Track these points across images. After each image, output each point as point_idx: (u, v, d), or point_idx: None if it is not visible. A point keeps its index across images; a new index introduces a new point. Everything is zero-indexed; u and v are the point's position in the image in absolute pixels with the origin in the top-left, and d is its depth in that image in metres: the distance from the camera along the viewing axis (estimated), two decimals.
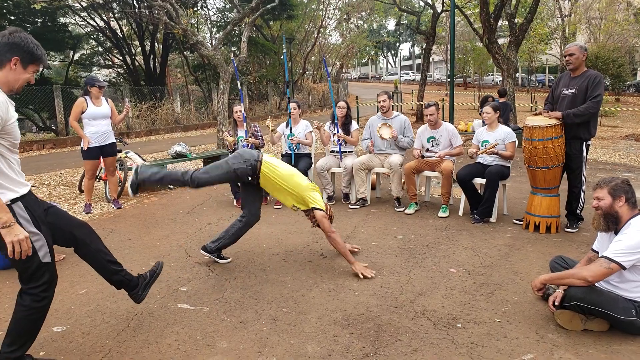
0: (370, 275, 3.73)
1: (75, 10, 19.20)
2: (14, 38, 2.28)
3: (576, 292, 2.79)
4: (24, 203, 2.35)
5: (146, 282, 3.03)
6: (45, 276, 2.44)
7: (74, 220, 2.77)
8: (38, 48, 2.36)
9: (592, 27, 26.64)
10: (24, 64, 2.32)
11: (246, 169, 3.78)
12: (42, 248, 2.39)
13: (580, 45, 4.58)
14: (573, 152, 4.66)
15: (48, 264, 2.43)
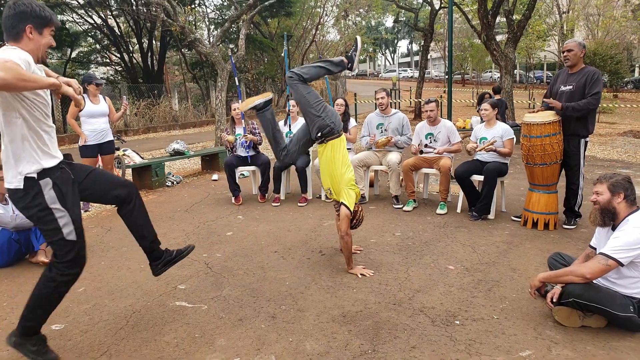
0: (369, 274, 3.73)
1: (73, 7, 19.14)
2: (20, 7, 2.29)
3: (574, 289, 2.79)
4: (52, 179, 2.40)
5: (169, 260, 2.98)
6: (70, 254, 2.48)
7: (117, 181, 2.78)
8: (44, 9, 2.35)
9: (590, 24, 26.66)
10: (39, 30, 2.33)
11: (325, 127, 3.74)
12: (67, 226, 2.44)
13: (579, 42, 4.58)
14: (571, 149, 4.66)
15: (73, 242, 2.47)
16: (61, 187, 2.44)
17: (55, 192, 2.41)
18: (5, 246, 4.04)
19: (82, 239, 2.54)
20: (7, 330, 2.99)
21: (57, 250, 2.49)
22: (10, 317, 3.20)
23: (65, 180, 2.48)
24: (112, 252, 4.49)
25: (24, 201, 2.39)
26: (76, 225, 2.49)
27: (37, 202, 2.38)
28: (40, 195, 2.37)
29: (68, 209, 2.45)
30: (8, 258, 4.10)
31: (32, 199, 2.38)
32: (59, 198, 2.42)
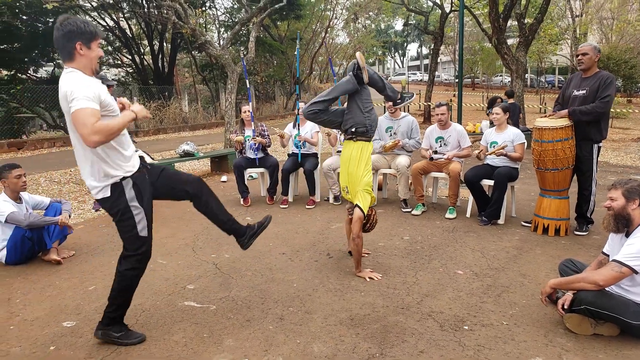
0: (377, 277, 3.72)
1: (86, 10, 19.30)
2: (66, 27, 2.44)
3: (586, 296, 2.76)
4: (132, 180, 2.67)
5: (252, 233, 3.17)
6: (142, 248, 2.76)
7: (185, 178, 3.00)
8: (88, 24, 2.51)
9: (604, 28, 26.45)
10: (87, 45, 2.49)
11: (363, 126, 3.73)
12: (141, 222, 2.71)
13: (594, 46, 4.54)
14: (584, 154, 4.62)
15: (144, 238, 2.75)
16: (140, 186, 2.70)
17: (135, 191, 2.68)
18: (19, 244, 4.08)
19: (150, 235, 2.80)
20: (19, 327, 3.04)
21: (128, 244, 2.75)
22: (23, 314, 3.23)
23: (142, 179, 2.74)
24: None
25: (110, 202, 2.65)
26: (148, 222, 2.75)
27: (120, 201, 2.64)
28: (122, 194, 2.64)
29: (143, 207, 2.71)
30: (21, 256, 4.14)
31: (116, 198, 2.64)
32: (137, 196, 2.68)
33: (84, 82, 2.43)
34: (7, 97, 14.87)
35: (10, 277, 3.91)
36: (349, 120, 3.78)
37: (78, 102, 2.34)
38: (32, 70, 17.84)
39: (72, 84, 2.41)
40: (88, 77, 2.50)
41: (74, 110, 2.34)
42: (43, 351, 2.77)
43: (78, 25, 2.46)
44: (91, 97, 2.38)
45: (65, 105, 2.43)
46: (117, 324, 2.82)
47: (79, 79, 2.44)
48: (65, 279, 3.84)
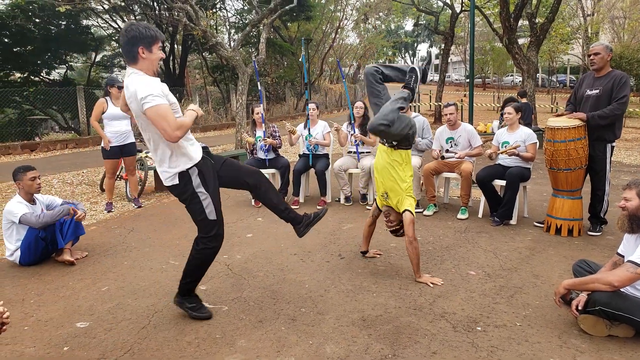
0: (439, 282, 3.63)
1: (98, 12, 19.49)
2: (130, 32, 2.66)
3: (601, 297, 2.73)
4: (198, 168, 2.89)
5: (309, 222, 3.27)
6: (212, 230, 2.96)
7: (245, 170, 3.19)
8: (149, 29, 2.70)
9: (616, 27, 26.17)
10: (149, 48, 2.71)
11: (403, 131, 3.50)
12: (209, 206, 2.90)
13: (606, 45, 4.50)
14: (597, 154, 4.57)
15: (213, 221, 2.94)
16: (204, 174, 2.91)
17: (200, 178, 2.89)
18: (33, 244, 4.12)
19: (220, 218, 2.98)
20: (33, 327, 3.07)
21: (201, 228, 2.97)
22: (37, 314, 3.26)
23: (207, 167, 2.95)
24: (135, 252, 4.55)
25: (179, 189, 2.89)
26: (215, 206, 2.93)
27: (187, 188, 2.87)
28: (189, 182, 2.86)
29: (209, 193, 2.90)
30: (35, 256, 4.19)
31: (184, 186, 2.87)
32: (202, 183, 2.89)
33: (151, 82, 2.68)
34: (20, 100, 15.07)
35: (24, 278, 3.96)
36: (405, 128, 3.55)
37: (154, 99, 2.60)
38: (45, 73, 18.05)
39: (141, 83, 2.65)
40: (151, 77, 2.73)
41: (152, 106, 2.60)
42: (57, 352, 2.80)
43: (140, 30, 2.67)
44: (162, 95, 2.66)
45: (135, 103, 2.68)
46: (192, 296, 3.13)
47: (146, 79, 2.69)
48: (78, 280, 3.88)
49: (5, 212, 4.17)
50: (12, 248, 4.20)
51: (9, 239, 4.22)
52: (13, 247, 4.19)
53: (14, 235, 4.19)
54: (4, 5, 15.78)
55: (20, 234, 4.17)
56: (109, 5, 18.04)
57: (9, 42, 15.90)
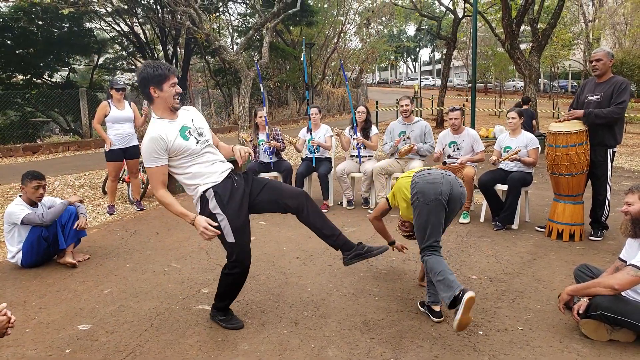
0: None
1: (101, 15, 19.55)
2: (140, 75, 2.70)
3: (602, 301, 2.73)
4: (214, 189, 2.83)
5: (359, 253, 3.05)
6: (233, 255, 2.87)
7: (288, 193, 3.01)
8: (157, 68, 2.69)
9: (617, 33, 26.19)
10: (159, 87, 2.69)
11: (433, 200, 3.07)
12: (225, 228, 2.81)
13: (607, 51, 4.51)
14: (598, 159, 4.58)
15: (232, 244, 2.83)
16: (221, 195, 2.83)
17: (217, 200, 2.82)
18: (35, 245, 4.13)
19: (241, 243, 2.85)
20: (35, 330, 3.07)
21: (226, 250, 2.91)
22: (39, 317, 3.27)
23: (226, 188, 2.86)
24: (137, 255, 4.56)
25: (200, 208, 2.88)
26: (234, 227, 2.81)
27: (206, 208, 2.84)
28: (206, 204, 2.84)
29: (227, 214, 2.81)
30: (37, 257, 4.20)
31: (203, 208, 2.86)
32: (219, 204, 2.81)
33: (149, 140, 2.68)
34: (22, 102, 15.11)
35: (26, 280, 3.97)
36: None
37: (147, 162, 2.72)
38: (48, 75, 18.11)
39: (144, 140, 2.71)
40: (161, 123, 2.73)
41: (146, 168, 2.76)
42: (58, 354, 2.80)
43: (148, 71, 2.67)
44: (155, 156, 2.70)
45: None
46: (224, 310, 3.12)
47: (149, 135, 2.69)
48: (80, 282, 3.89)
49: (7, 215, 4.18)
50: (13, 250, 4.21)
51: (10, 241, 4.23)
52: (15, 249, 4.20)
53: (15, 237, 4.20)
54: (7, 8, 15.84)
55: (22, 236, 4.18)
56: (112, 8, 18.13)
57: (11, 45, 15.97)
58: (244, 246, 2.87)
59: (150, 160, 2.71)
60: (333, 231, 3.04)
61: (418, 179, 3.13)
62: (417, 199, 3.06)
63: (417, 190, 3.08)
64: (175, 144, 2.74)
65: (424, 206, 3.02)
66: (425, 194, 3.03)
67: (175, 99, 2.74)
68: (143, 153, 2.72)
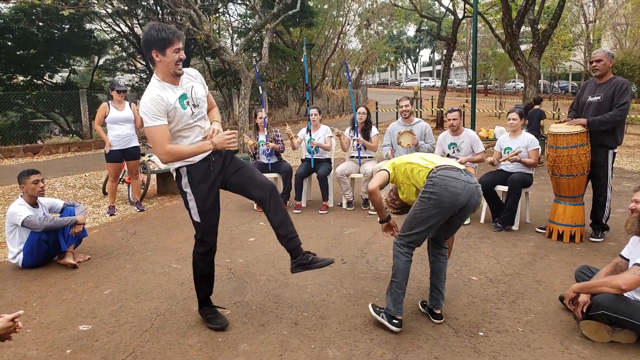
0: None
1: (101, 16, 19.57)
2: (144, 37, 2.62)
3: (603, 301, 2.73)
4: (187, 169, 2.83)
5: (301, 263, 2.98)
6: (198, 234, 2.96)
7: (256, 183, 2.97)
8: (162, 31, 2.59)
9: (618, 34, 26.20)
10: (162, 52, 2.60)
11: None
12: (193, 208, 2.87)
13: (608, 52, 4.51)
14: (599, 160, 4.58)
15: (198, 224, 2.92)
16: (193, 176, 2.84)
17: (188, 179, 2.84)
18: (35, 247, 4.14)
19: (206, 223, 2.93)
20: (36, 330, 3.07)
21: (194, 227, 2.96)
22: (39, 317, 3.27)
23: (199, 170, 2.85)
24: (137, 255, 4.56)
25: (176, 183, 2.94)
26: (200, 209, 2.87)
27: (179, 184, 2.90)
28: (180, 179, 2.87)
29: (195, 195, 2.85)
30: (37, 259, 4.20)
31: (176, 181, 2.91)
32: (189, 184, 2.85)
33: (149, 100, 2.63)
34: (22, 103, 15.11)
35: (27, 281, 3.97)
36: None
37: (147, 121, 2.63)
38: (48, 76, 18.11)
39: (143, 99, 2.66)
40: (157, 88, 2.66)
41: (146, 128, 2.66)
42: (59, 354, 2.80)
43: (152, 34, 2.59)
44: (157, 115, 2.62)
45: None
46: (206, 304, 3.14)
47: (148, 94, 2.65)
48: (80, 283, 3.89)
49: (9, 215, 4.19)
50: (14, 251, 4.21)
51: (11, 242, 4.23)
52: (16, 250, 4.20)
53: (16, 238, 4.20)
54: (8, 9, 15.85)
55: (23, 237, 4.18)
56: (112, 9, 18.15)
57: (12, 46, 15.98)
58: (210, 227, 2.96)
59: (152, 119, 2.62)
60: (288, 233, 2.96)
61: (438, 179, 2.88)
62: (429, 198, 2.88)
63: (433, 191, 2.87)
64: (173, 109, 2.69)
65: (433, 209, 2.88)
66: (440, 200, 2.85)
67: (177, 65, 2.66)
68: (143, 113, 2.64)
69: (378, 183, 3.17)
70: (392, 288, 3.01)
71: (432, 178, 2.92)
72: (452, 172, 2.93)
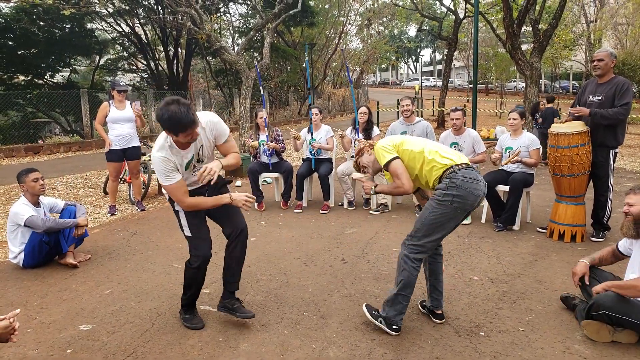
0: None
1: (102, 16, 19.59)
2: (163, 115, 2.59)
3: (605, 301, 2.73)
4: None
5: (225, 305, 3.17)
6: (191, 250, 3.04)
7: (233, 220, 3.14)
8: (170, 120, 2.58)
9: (619, 33, 26.18)
10: (174, 134, 2.66)
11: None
12: (183, 221, 3.01)
13: (610, 52, 4.50)
14: (599, 160, 4.57)
15: (189, 237, 3.03)
16: None
17: None
18: (37, 248, 4.14)
19: (197, 237, 3.02)
20: (36, 330, 3.07)
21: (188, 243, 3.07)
22: (40, 317, 3.27)
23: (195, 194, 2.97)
24: (138, 255, 4.56)
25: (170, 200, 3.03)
26: (190, 224, 2.99)
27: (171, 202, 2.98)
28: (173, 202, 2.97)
29: (185, 212, 2.96)
30: (39, 259, 4.20)
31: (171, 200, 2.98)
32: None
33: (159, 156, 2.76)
34: (23, 102, 15.12)
35: (27, 280, 3.97)
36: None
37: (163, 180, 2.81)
38: (49, 76, 18.13)
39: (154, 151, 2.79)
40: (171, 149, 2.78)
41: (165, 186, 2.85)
42: (60, 354, 2.80)
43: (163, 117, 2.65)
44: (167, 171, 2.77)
45: None
46: (189, 308, 3.19)
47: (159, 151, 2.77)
48: (81, 283, 3.89)
49: (11, 214, 4.19)
50: (16, 251, 4.21)
51: (13, 242, 4.23)
52: (17, 250, 4.20)
53: (18, 238, 4.20)
54: (9, 9, 15.87)
55: (24, 237, 4.18)
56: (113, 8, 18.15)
57: (13, 45, 16.00)
58: (200, 242, 3.03)
59: (168, 179, 2.78)
60: (234, 279, 3.17)
61: (461, 181, 2.76)
62: (452, 202, 2.75)
63: (457, 194, 2.75)
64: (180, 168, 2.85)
65: (455, 212, 2.78)
66: (465, 203, 2.77)
67: (188, 144, 2.79)
68: (157, 172, 2.80)
69: (407, 177, 2.95)
70: (396, 300, 2.91)
71: (454, 179, 2.78)
72: (473, 172, 2.84)
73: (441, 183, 2.83)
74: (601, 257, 3.15)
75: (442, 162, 2.88)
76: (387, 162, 2.97)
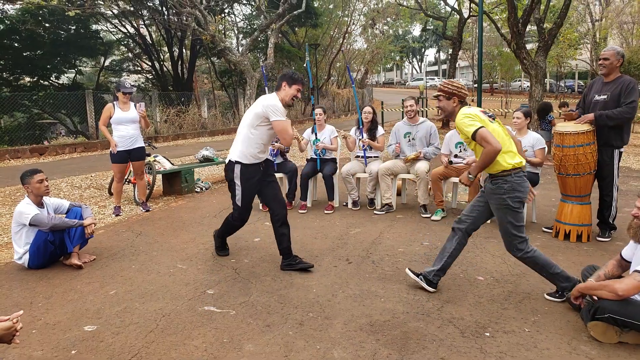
0: None
1: (107, 17, 19.67)
2: (283, 72, 3.92)
3: (610, 304, 2.71)
4: (241, 167, 3.91)
5: (293, 263, 4.06)
6: (236, 212, 4.12)
7: (279, 199, 4.11)
8: (296, 74, 3.91)
9: (624, 32, 26.04)
10: (289, 84, 3.85)
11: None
12: (239, 195, 3.98)
13: (617, 51, 4.47)
14: (605, 160, 4.54)
15: (238, 206, 4.04)
16: (244, 173, 3.91)
17: (239, 173, 3.90)
18: (42, 248, 4.15)
19: (245, 209, 4.08)
20: (41, 331, 3.08)
21: (234, 205, 4.08)
22: (45, 318, 3.27)
23: (250, 171, 3.93)
24: (142, 256, 4.57)
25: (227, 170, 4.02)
26: (244, 196, 3.99)
27: (230, 173, 3.97)
28: (232, 170, 3.94)
29: (242, 186, 3.95)
30: (44, 260, 4.21)
31: (230, 170, 3.96)
32: (240, 177, 3.91)
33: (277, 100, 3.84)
34: (29, 104, 15.21)
35: (32, 281, 3.98)
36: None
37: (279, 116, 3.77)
38: (54, 77, 18.22)
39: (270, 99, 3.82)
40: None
41: (279, 121, 3.75)
42: (64, 355, 2.81)
43: (290, 73, 3.91)
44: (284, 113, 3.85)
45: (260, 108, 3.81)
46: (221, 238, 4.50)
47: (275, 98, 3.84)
48: (86, 283, 3.90)
49: (16, 215, 4.20)
50: (20, 251, 4.22)
51: (18, 242, 4.24)
52: (22, 250, 4.22)
53: (23, 238, 4.21)
54: (15, 10, 15.96)
55: (29, 237, 4.20)
56: (118, 10, 18.22)
57: (19, 47, 16.09)
58: (247, 210, 4.11)
59: (283, 115, 3.83)
60: (286, 244, 4.07)
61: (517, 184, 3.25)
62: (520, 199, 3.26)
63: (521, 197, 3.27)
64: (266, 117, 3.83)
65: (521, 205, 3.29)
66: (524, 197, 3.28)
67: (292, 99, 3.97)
68: (274, 108, 3.75)
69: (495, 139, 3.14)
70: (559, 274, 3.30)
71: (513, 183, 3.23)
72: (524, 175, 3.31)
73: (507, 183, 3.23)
74: (606, 272, 3.07)
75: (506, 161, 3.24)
76: (475, 131, 3.16)
